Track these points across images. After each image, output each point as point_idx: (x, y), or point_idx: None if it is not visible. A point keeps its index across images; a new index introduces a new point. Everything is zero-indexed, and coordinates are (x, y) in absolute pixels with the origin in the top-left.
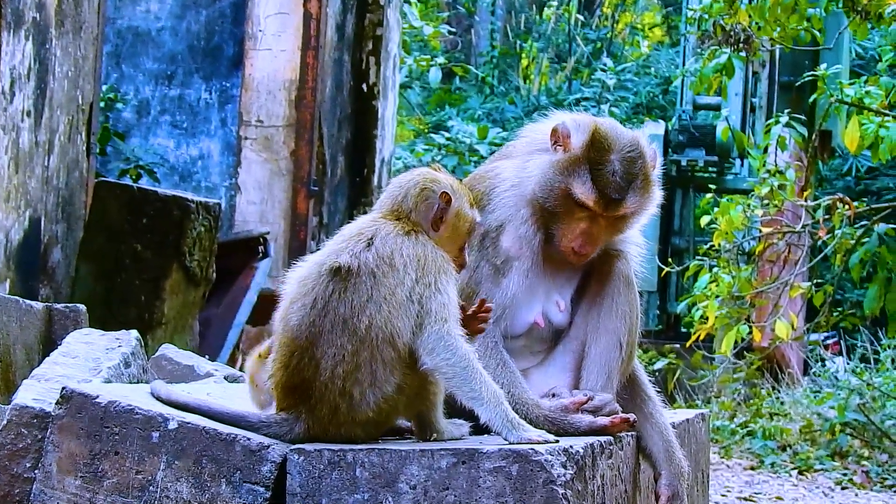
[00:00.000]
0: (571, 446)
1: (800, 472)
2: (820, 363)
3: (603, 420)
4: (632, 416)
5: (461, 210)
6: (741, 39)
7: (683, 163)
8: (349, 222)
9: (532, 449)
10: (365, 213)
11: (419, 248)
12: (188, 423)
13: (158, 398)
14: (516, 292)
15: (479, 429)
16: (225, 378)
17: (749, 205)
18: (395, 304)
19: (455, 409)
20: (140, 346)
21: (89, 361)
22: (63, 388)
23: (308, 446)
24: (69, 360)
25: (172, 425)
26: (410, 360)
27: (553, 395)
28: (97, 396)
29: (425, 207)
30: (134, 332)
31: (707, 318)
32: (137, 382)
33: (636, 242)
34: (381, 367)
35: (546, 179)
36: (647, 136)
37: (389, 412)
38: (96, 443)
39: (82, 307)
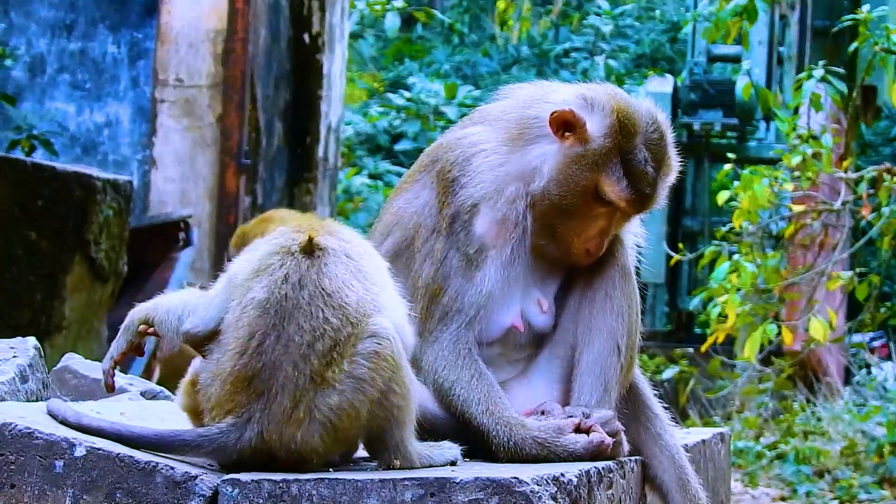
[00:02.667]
0: (563, 474)
1: (841, 503)
2: (864, 370)
3: (598, 436)
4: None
5: None
6: None
7: (696, 126)
8: (287, 202)
9: (515, 478)
10: (307, 190)
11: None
12: (99, 449)
13: (62, 421)
14: (492, 289)
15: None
16: (142, 394)
17: (777, 178)
18: (370, 284)
19: (443, 431)
20: (39, 356)
21: None
22: None
23: (244, 476)
24: None
25: (80, 452)
26: (369, 335)
27: (542, 413)
28: None
29: None
30: (31, 340)
31: (726, 317)
32: (37, 400)
33: (633, 224)
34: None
35: (565, 176)
36: (651, 96)
37: (351, 417)
38: None
39: None
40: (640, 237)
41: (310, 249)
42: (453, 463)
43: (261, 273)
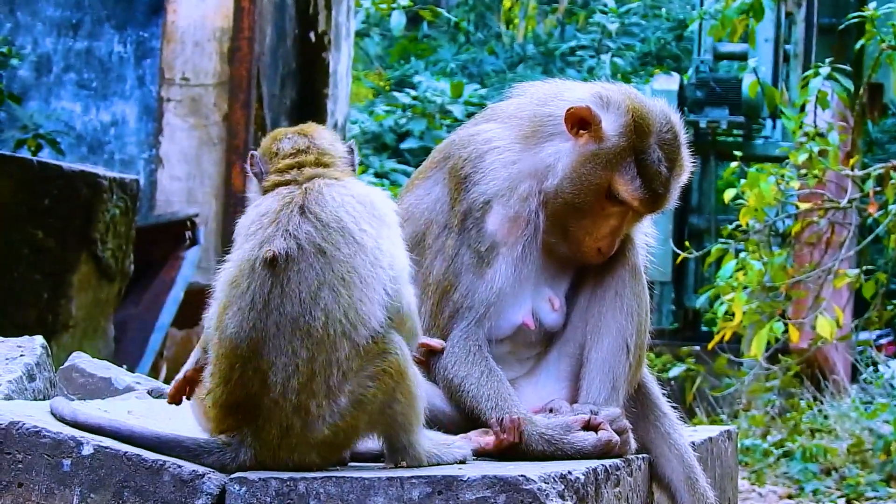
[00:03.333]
0: (570, 472)
1: (848, 501)
2: (871, 368)
3: (606, 434)
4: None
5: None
6: None
7: (703, 124)
8: None
9: (523, 476)
10: None
11: (363, 191)
12: (106, 447)
13: (63, 420)
14: (503, 286)
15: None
16: (149, 393)
17: (783, 175)
18: (357, 280)
19: (453, 428)
20: (47, 355)
21: None
22: None
23: (251, 475)
24: None
25: (87, 450)
26: (375, 355)
27: (551, 410)
28: None
29: (345, 151)
30: (39, 339)
31: (733, 315)
32: (44, 399)
33: (644, 223)
34: (336, 371)
35: (579, 175)
36: (657, 94)
37: (348, 432)
38: None
39: None
40: (650, 236)
41: (272, 263)
42: (463, 461)
43: (233, 288)
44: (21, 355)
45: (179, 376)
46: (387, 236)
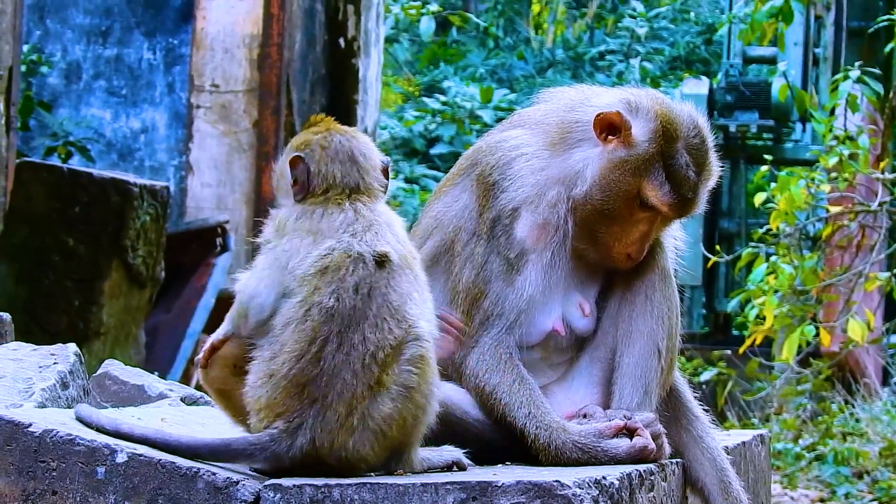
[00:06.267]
0: (604, 477)
1: None
2: None
3: (641, 440)
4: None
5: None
6: None
7: (732, 128)
8: None
9: (557, 482)
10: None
11: (403, 226)
12: (140, 455)
13: (101, 429)
14: (533, 293)
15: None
16: (182, 400)
17: (813, 179)
18: (424, 296)
19: (485, 436)
20: (80, 362)
21: (19, 382)
22: None
23: (286, 481)
24: None
25: (121, 458)
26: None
27: (584, 416)
28: (30, 425)
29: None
30: (72, 347)
31: (764, 318)
32: None
33: (672, 227)
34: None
35: (608, 181)
36: (687, 98)
37: (401, 425)
38: (30, 480)
39: (6, 316)
40: (679, 240)
41: (382, 261)
42: (456, 464)
43: (328, 275)
44: (54, 363)
45: (207, 345)
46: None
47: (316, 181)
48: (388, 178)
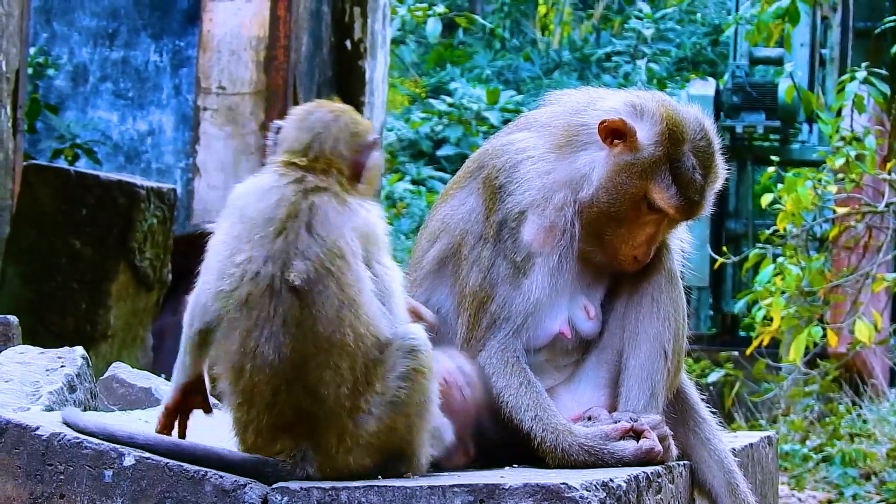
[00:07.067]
0: (612, 479)
1: None
2: None
3: (648, 442)
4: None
5: (377, 159)
6: None
7: (739, 129)
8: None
9: (564, 484)
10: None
11: (360, 221)
12: (147, 458)
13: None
14: (540, 296)
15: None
16: None
17: (820, 180)
18: (364, 299)
19: (492, 438)
20: (87, 365)
21: (26, 386)
22: None
23: (293, 484)
24: (1, 385)
25: (129, 461)
26: (404, 353)
27: (590, 419)
28: (37, 428)
29: (354, 156)
30: (79, 350)
31: (771, 319)
32: (85, 410)
33: (679, 229)
34: (374, 371)
35: (614, 184)
36: (693, 99)
37: (394, 434)
38: (38, 484)
39: (13, 319)
40: (685, 242)
41: (297, 288)
42: (460, 468)
43: (254, 311)
44: (62, 366)
45: (162, 408)
46: (379, 263)
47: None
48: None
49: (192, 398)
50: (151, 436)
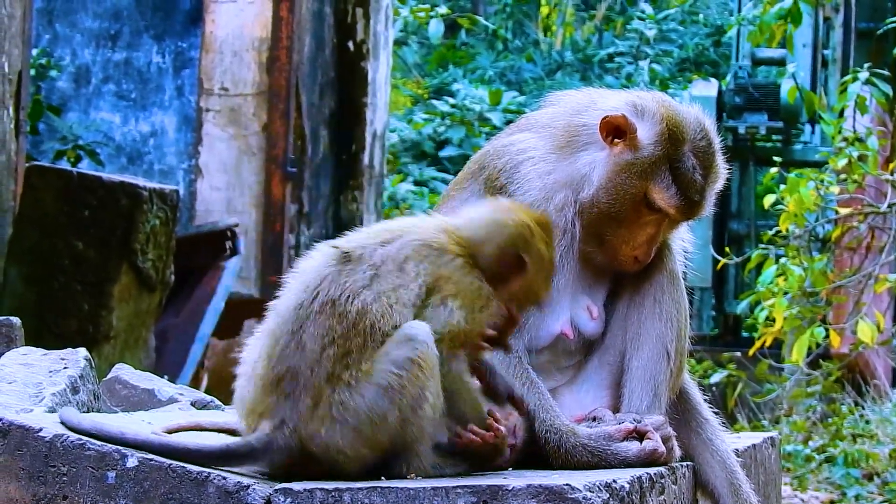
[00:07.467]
0: (615, 480)
1: None
2: None
3: (651, 443)
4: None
5: (534, 284)
6: None
7: (741, 130)
8: (333, 209)
9: (568, 485)
10: (353, 197)
11: (456, 273)
12: (150, 459)
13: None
14: None
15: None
16: (192, 404)
17: (823, 181)
18: (395, 301)
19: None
20: (90, 367)
21: (29, 387)
22: None
23: (296, 485)
24: (4, 386)
25: (131, 463)
26: (399, 341)
27: (594, 420)
28: (40, 430)
29: (498, 263)
30: (82, 351)
31: (774, 320)
32: (87, 411)
33: (680, 229)
34: (366, 353)
35: (615, 184)
36: (696, 100)
37: (377, 424)
38: (40, 485)
39: (16, 320)
40: (687, 242)
41: (338, 257)
42: (466, 473)
43: (291, 285)
44: (65, 367)
45: None
46: (437, 298)
47: None
48: None
49: None
50: (141, 434)
